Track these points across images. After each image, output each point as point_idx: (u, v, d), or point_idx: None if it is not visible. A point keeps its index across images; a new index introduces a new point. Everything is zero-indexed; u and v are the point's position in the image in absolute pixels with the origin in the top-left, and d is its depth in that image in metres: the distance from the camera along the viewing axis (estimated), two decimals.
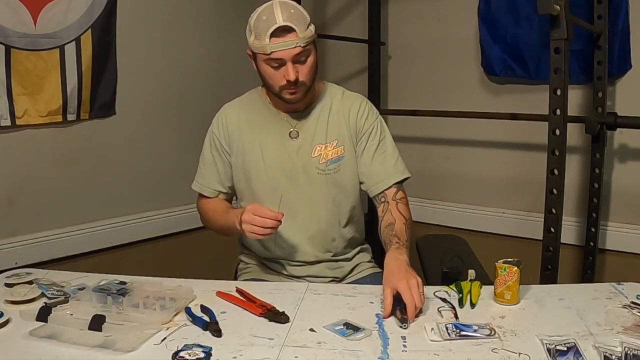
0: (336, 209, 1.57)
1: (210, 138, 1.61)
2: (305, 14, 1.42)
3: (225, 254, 2.01)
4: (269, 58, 1.40)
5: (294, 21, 1.37)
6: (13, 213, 2.05)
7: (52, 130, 2.11)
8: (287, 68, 1.40)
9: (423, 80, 2.70)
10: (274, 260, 1.62)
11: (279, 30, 1.36)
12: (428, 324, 1.17)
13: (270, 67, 1.43)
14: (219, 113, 1.62)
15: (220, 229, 1.57)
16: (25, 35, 1.97)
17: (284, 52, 1.38)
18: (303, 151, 1.53)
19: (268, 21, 1.37)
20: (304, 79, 1.44)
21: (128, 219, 2.38)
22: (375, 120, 1.59)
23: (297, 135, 1.54)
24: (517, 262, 1.28)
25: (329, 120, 1.55)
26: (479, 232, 2.55)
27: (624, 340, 1.08)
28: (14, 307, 1.25)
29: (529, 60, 2.33)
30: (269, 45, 1.37)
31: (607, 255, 2.30)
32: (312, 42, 1.44)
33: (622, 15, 2.12)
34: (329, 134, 1.54)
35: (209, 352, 1.04)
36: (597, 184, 2.21)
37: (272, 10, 1.38)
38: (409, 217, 1.55)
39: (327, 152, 1.53)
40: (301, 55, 1.41)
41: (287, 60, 1.40)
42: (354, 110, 1.57)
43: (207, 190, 1.62)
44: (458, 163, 2.65)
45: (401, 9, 2.73)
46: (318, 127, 1.55)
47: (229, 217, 1.49)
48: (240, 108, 1.60)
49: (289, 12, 1.38)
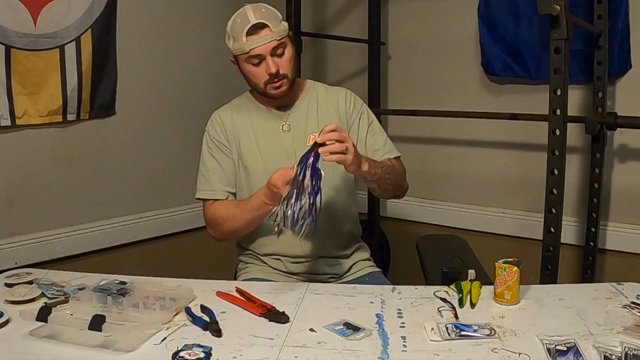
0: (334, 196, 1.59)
1: (208, 142, 1.62)
2: (276, 12, 1.52)
3: (225, 254, 2.01)
4: (249, 56, 1.49)
5: (266, 18, 1.47)
6: (13, 213, 2.05)
7: (52, 130, 2.12)
8: (267, 62, 1.48)
9: (423, 80, 2.70)
10: (272, 256, 1.63)
11: (254, 27, 1.46)
12: (428, 324, 1.17)
13: (251, 66, 1.51)
14: (212, 117, 1.66)
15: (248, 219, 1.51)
16: (25, 35, 1.97)
17: (262, 47, 1.47)
18: (297, 142, 1.58)
19: (242, 22, 1.47)
20: (285, 70, 1.51)
21: (128, 219, 2.38)
22: (362, 107, 1.68)
23: (289, 129, 1.61)
24: (517, 262, 1.28)
25: (318, 111, 1.63)
26: (479, 232, 2.55)
27: (624, 340, 1.08)
28: (14, 307, 1.25)
29: (529, 60, 2.34)
30: (246, 44, 1.47)
31: (607, 255, 2.30)
32: (286, 35, 1.52)
33: (622, 15, 2.12)
34: (320, 123, 1.59)
35: (209, 352, 1.04)
36: (597, 184, 2.21)
37: (244, 13, 1.49)
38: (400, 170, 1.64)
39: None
40: (278, 49, 1.49)
41: (265, 55, 1.48)
42: (342, 100, 1.66)
43: (218, 194, 1.59)
44: (458, 163, 2.65)
45: (401, 9, 2.73)
46: (309, 118, 1.62)
47: (253, 199, 1.48)
48: (232, 110, 1.65)
49: (261, 11, 1.49)
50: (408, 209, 2.72)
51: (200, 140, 1.65)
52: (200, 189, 1.62)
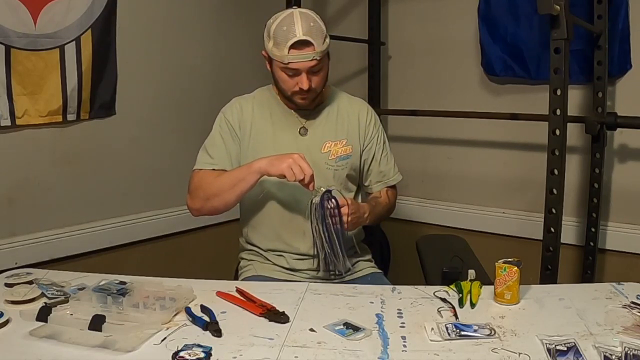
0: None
1: (221, 123, 1.64)
2: (323, 27, 1.51)
3: (225, 254, 2.01)
4: (285, 67, 1.49)
5: (312, 35, 1.46)
6: (13, 213, 2.05)
7: (52, 130, 2.11)
8: (302, 78, 1.50)
9: (423, 80, 2.70)
10: (275, 252, 1.64)
11: (298, 43, 1.45)
12: (428, 324, 1.17)
13: (285, 74, 1.52)
14: (233, 102, 1.66)
15: (229, 183, 1.52)
16: (25, 35, 1.97)
17: (301, 63, 1.47)
18: (313, 146, 1.61)
19: (288, 32, 1.45)
20: (316, 86, 1.54)
21: (128, 219, 2.38)
22: (380, 125, 1.73)
23: (305, 133, 1.62)
24: (517, 262, 1.28)
25: (337, 119, 1.65)
26: (479, 232, 2.55)
27: (624, 340, 1.08)
28: (14, 307, 1.24)
29: (529, 60, 2.34)
30: (287, 57, 1.46)
31: (607, 255, 2.30)
32: (326, 53, 1.53)
33: (622, 15, 2.12)
34: (338, 132, 1.64)
35: (209, 352, 1.04)
36: (597, 184, 2.21)
37: (292, 21, 1.46)
38: (393, 202, 1.77)
39: (337, 149, 1.63)
40: (316, 67, 1.50)
41: (302, 71, 1.49)
42: (363, 113, 1.69)
43: (214, 165, 1.59)
44: (458, 163, 2.65)
45: (401, 9, 2.73)
46: (327, 124, 1.64)
47: (241, 169, 1.52)
48: (254, 102, 1.66)
49: (309, 25, 1.47)
50: (408, 209, 2.71)
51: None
52: (200, 161, 1.61)
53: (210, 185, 1.55)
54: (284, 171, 1.41)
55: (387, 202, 1.72)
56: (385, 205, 1.71)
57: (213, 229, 2.62)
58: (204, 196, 1.56)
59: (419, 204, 2.74)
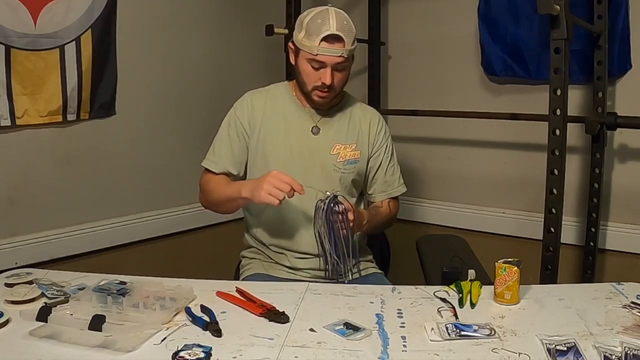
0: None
1: (230, 119, 1.66)
2: (354, 29, 1.55)
3: (225, 254, 2.01)
4: (313, 59, 1.51)
5: (345, 32, 1.50)
6: (13, 213, 2.05)
7: (52, 130, 2.11)
8: (326, 72, 1.52)
9: (423, 80, 2.70)
10: (278, 248, 1.65)
11: (331, 37, 1.48)
12: (428, 324, 1.17)
13: (310, 66, 1.54)
14: (244, 98, 1.68)
15: (223, 198, 1.60)
16: (25, 35, 1.97)
17: (329, 57, 1.50)
18: (322, 147, 1.63)
19: (322, 25, 1.49)
20: (337, 85, 1.57)
21: (128, 219, 2.38)
22: (390, 137, 1.75)
23: (318, 132, 1.64)
24: (517, 262, 1.28)
25: (349, 123, 1.67)
26: (479, 232, 2.55)
27: (624, 340, 1.08)
28: (14, 307, 1.24)
29: (529, 60, 2.34)
30: (317, 48, 1.49)
31: (607, 255, 2.30)
32: (352, 56, 1.57)
33: (622, 15, 2.12)
34: (349, 136, 1.66)
35: (209, 352, 1.04)
36: (597, 184, 2.21)
37: (327, 16, 1.50)
38: (394, 213, 1.78)
39: (346, 153, 1.65)
40: (341, 65, 1.53)
41: (328, 65, 1.51)
42: (374, 122, 1.71)
43: (217, 167, 1.64)
44: (458, 163, 2.65)
45: (401, 9, 2.73)
46: (339, 127, 1.66)
47: (234, 186, 1.57)
48: (267, 97, 1.67)
49: (342, 22, 1.51)
50: (408, 209, 2.71)
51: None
52: (207, 157, 1.67)
53: (211, 193, 1.64)
54: (266, 200, 1.42)
55: (387, 213, 1.73)
56: (385, 216, 1.72)
57: (213, 228, 2.62)
58: (206, 201, 1.68)
59: (419, 204, 2.74)
